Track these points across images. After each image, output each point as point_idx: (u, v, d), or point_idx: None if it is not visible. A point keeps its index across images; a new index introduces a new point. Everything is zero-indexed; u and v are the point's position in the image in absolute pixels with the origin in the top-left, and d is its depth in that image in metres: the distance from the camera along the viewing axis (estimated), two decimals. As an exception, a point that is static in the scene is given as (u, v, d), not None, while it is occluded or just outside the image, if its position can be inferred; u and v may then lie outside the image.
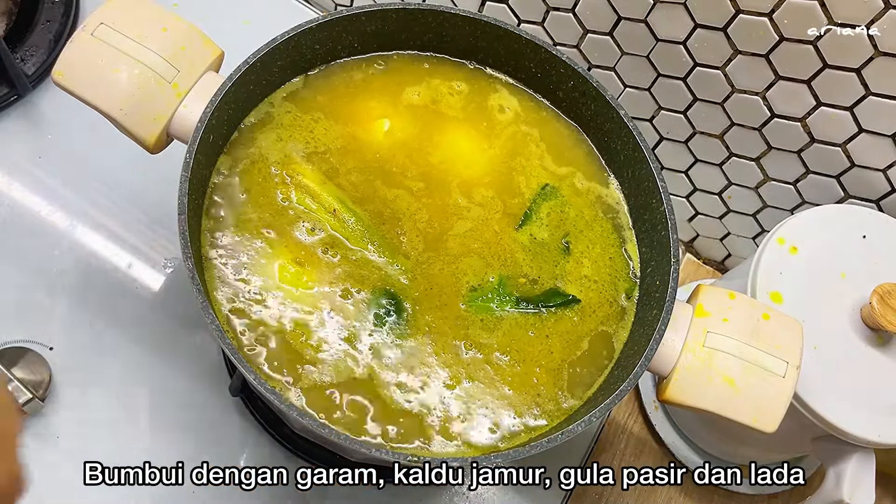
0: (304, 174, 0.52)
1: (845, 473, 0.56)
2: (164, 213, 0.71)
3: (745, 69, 0.62)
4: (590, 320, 0.53)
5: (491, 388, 0.49)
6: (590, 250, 0.55)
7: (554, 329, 0.52)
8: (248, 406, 0.65)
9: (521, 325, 0.51)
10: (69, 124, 0.72)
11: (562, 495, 0.69)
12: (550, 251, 0.54)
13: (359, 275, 0.51)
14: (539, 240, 0.54)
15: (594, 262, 0.55)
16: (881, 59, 0.55)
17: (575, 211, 0.56)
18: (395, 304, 0.50)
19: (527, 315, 0.52)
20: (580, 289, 0.54)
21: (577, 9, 0.68)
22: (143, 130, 0.50)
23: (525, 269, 0.53)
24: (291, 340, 0.48)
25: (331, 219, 0.52)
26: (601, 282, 0.54)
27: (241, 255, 0.50)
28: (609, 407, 0.46)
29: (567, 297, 0.53)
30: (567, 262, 0.54)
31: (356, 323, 0.49)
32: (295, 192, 0.52)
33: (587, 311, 0.53)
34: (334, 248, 0.51)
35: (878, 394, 0.56)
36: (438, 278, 0.52)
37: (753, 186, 0.72)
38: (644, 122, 0.74)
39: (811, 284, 0.58)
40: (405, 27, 0.57)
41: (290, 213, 0.51)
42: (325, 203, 0.52)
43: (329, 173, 0.53)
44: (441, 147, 0.56)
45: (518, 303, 0.52)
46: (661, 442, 0.73)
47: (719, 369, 0.48)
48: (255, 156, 0.53)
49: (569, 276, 0.54)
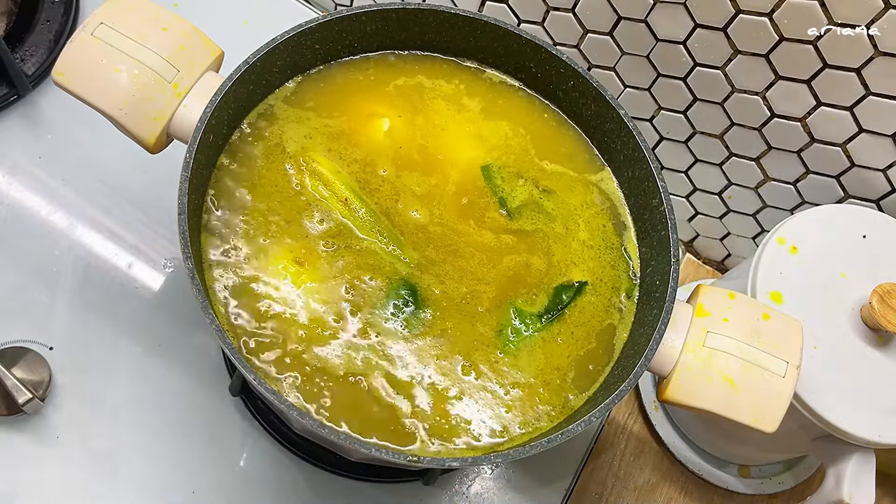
0: (319, 161, 0.53)
1: (845, 473, 0.56)
2: (164, 213, 0.71)
3: (745, 69, 0.62)
4: (606, 275, 0.53)
5: (492, 389, 0.49)
6: (578, 229, 0.55)
7: (579, 320, 0.52)
8: (248, 406, 0.65)
9: (552, 338, 0.52)
10: (69, 124, 0.72)
11: (562, 495, 0.69)
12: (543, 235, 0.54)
13: (367, 265, 0.51)
14: (530, 230, 0.54)
15: (587, 237, 0.55)
16: (881, 58, 0.55)
17: (570, 208, 0.56)
18: (412, 296, 0.50)
19: (551, 325, 0.52)
20: (582, 270, 0.54)
21: (577, 8, 0.68)
22: (143, 130, 0.50)
23: (524, 267, 0.53)
24: (292, 340, 0.48)
25: (342, 207, 0.52)
26: (596, 247, 0.54)
27: (241, 255, 0.50)
28: (609, 407, 0.46)
29: (574, 284, 0.53)
30: (563, 246, 0.54)
31: (361, 321, 0.49)
32: (309, 178, 0.52)
33: (597, 285, 0.54)
34: (339, 244, 0.51)
35: (878, 394, 0.56)
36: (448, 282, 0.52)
37: (753, 186, 0.72)
38: (644, 122, 0.74)
39: (811, 284, 0.58)
40: (405, 27, 0.57)
41: (301, 200, 0.51)
42: (337, 191, 0.52)
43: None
44: (441, 147, 0.56)
45: (541, 318, 0.52)
46: (661, 442, 0.73)
47: (719, 369, 0.48)
48: (256, 156, 0.53)
49: (566, 262, 0.54)
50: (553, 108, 0.59)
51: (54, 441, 0.61)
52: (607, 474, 0.72)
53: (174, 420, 0.63)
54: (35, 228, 0.68)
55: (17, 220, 0.68)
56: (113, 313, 0.66)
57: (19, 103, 0.72)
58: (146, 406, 0.63)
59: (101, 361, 0.64)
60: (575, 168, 0.57)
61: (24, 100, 0.72)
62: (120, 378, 0.64)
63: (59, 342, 0.64)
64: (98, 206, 0.70)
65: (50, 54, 0.74)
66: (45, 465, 0.60)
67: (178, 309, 0.67)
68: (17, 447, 0.60)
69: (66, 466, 0.60)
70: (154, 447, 0.62)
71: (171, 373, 0.65)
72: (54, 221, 0.68)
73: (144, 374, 0.64)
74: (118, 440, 0.62)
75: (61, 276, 0.66)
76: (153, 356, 0.65)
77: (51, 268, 0.67)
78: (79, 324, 0.65)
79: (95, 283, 0.67)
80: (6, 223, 0.68)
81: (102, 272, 0.67)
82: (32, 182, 0.70)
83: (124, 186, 0.71)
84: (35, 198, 0.69)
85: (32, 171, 0.70)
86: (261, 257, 0.50)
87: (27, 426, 0.61)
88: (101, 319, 0.66)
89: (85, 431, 0.62)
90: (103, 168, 0.71)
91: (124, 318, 0.66)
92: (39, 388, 0.61)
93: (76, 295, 0.66)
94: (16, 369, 0.60)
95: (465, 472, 0.68)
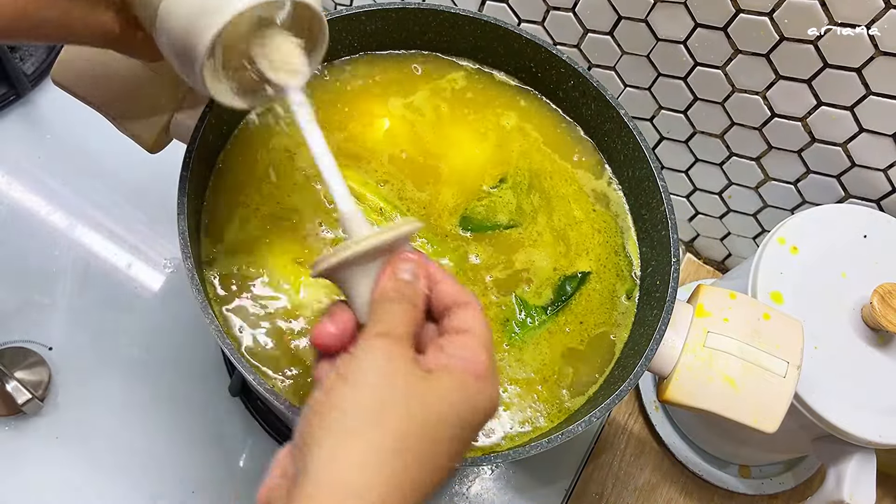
0: (346, 175, 0.52)
1: (846, 473, 0.56)
2: (164, 213, 0.71)
3: (746, 69, 0.62)
4: (606, 275, 0.54)
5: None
6: (578, 229, 0.55)
7: (587, 308, 0.52)
8: (247, 406, 0.65)
9: (558, 329, 0.52)
10: (69, 124, 0.72)
11: (562, 495, 0.69)
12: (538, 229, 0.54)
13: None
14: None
15: (587, 237, 0.55)
16: (881, 58, 0.55)
17: (571, 208, 0.56)
18: None
19: (556, 316, 0.52)
20: (587, 261, 0.54)
21: (577, 8, 0.68)
22: (143, 130, 0.50)
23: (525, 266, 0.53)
24: (292, 340, 0.48)
25: (377, 217, 0.52)
26: (596, 247, 0.55)
27: (241, 255, 0.50)
28: (609, 407, 0.46)
29: (578, 275, 0.53)
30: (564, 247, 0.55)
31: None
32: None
33: (600, 271, 0.54)
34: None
35: (878, 394, 0.56)
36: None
37: (754, 186, 0.72)
38: (644, 122, 0.74)
39: (812, 284, 0.58)
40: (405, 27, 0.57)
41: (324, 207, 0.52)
42: (370, 203, 0.52)
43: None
44: (440, 147, 0.56)
45: (546, 310, 0.52)
46: (661, 442, 0.73)
47: (720, 369, 0.48)
48: (256, 155, 0.53)
49: (566, 262, 0.54)
50: (553, 107, 0.59)
51: (54, 441, 0.61)
52: (607, 475, 0.72)
53: (174, 420, 0.63)
54: (35, 228, 0.68)
55: (16, 220, 0.68)
56: (112, 313, 0.66)
57: (19, 103, 0.72)
58: (146, 406, 0.63)
59: (100, 361, 0.64)
60: (575, 167, 0.57)
61: (23, 99, 0.72)
62: (119, 378, 0.64)
63: (59, 342, 0.64)
64: (98, 206, 0.70)
65: (49, 54, 0.74)
66: (45, 464, 0.60)
67: (178, 309, 0.67)
68: (16, 447, 0.60)
69: (65, 466, 0.60)
70: (154, 447, 0.62)
71: (171, 373, 0.65)
72: (54, 221, 0.68)
73: (144, 375, 0.64)
74: (117, 440, 0.62)
75: (61, 276, 0.66)
76: (153, 356, 0.65)
77: (51, 268, 0.67)
78: (78, 324, 0.65)
79: (95, 283, 0.67)
80: (6, 223, 0.68)
81: (102, 272, 0.67)
82: (32, 182, 0.70)
83: (124, 186, 0.71)
84: (35, 198, 0.69)
85: (32, 171, 0.70)
86: (260, 257, 0.50)
87: (27, 426, 0.61)
88: (101, 319, 0.66)
89: (84, 431, 0.62)
90: (103, 168, 0.71)
91: (124, 318, 0.66)
92: (39, 388, 0.61)
93: (76, 295, 0.66)
94: (15, 369, 0.60)
95: (464, 473, 0.68)
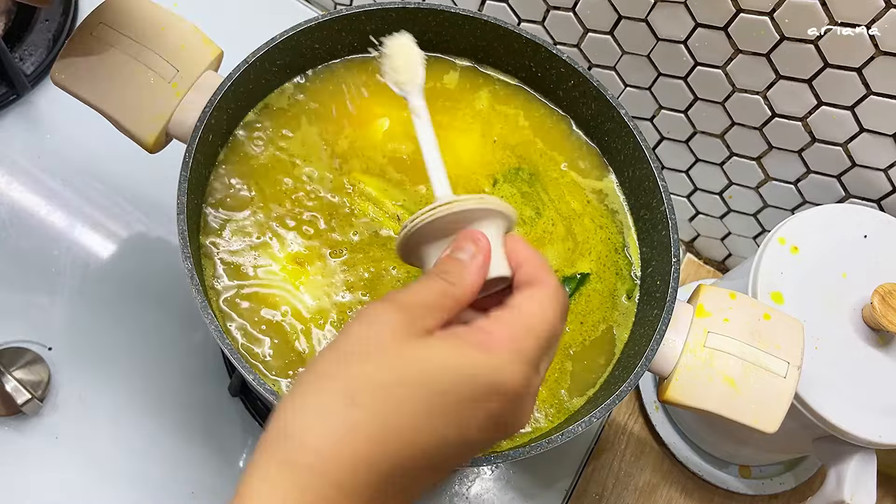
0: (365, 181, 0.52)
1: (846, 474, 0.56)
2: (163, 213, 0.71)
3: (746, 68, 0.62)
4: (607, 275, 0.54)
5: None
6: (578, 229, 0.55)
7: (586, 308, 0.52)
8: (247, 406, 0.65)
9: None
10: (68, 124, 0.72)
11: (562, 496, 0.69)
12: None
13: (371, 265, 0.51)
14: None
15: (587, 237, 0.55)
16: (882, 58, 0.55)
17: (571, 208, 0.56)
18: None
19: None
20: (588, 262, 0.54)
21: (577, 8, 0.67)
22: (142, 130, 0.50)
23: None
24: (292, 340, 0.48)
25: (394, 224, 0.52)
26: (596, 247, 0.54)
27: (241, 255, 0.50)
28: (609, 407, 0.46)
29: (578, 276, 0.53)
30: (565, 245, 0.54)
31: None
32: (358, 199, 0.52)
33: (601, 271, 0.54)
34: (341, 250, 0.51)
35: (879, 394, 0.56)
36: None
37: (754, 186, 0.72)
38: (644, 122, 0.74)
39: (812, 284, 0.58)
40: (405, 26, 0.57)
41: (344, 211, 0.52)
42: (388, 209, 0.52)
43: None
44: (441, 146, 0.56)
45: None
46: (661, 442, 0.73)
47: (720, 369, 0.48)
48: (255, 155, 0.53)
49: (567, 261, 0.54)
50: (553, 107, 0.59)
51: (53, 441, 0.61)
52: (608, 475, 0.72)
53: (174, 420, 0.63)
54: (34, 228, 0.68)
55: (16, 220, 0.68)
56: (112, 313, 0.66)
57: (18, 103, 0.72)
58: (145, 406, 0.63)
59: (100, 361, 0.64)
60: (575, 167, 0.57)
61: (22, 99, 0.72)
62: (119, 378, 0.64)
63: (59, 342, 0.64)
64: (97, 206, 0.70)
65: (49, 54, 0.74)
66: (45, 465, 0.60)
67: (178, 309, 0.67)
68: (16, 447, 0.60)
69: (65, 467, 0.60)
70: (153, 447, 0.62)
71: (171, 373, 0.65)
72: (54, 221, 0.68)
73: (144, 375, 0.64)
74: (117, 440, 0.62)
75: (61, 276, 0.66)
76: (152, 356, 0.65)
77: (50, 268, 0.67)
78: (78, 324, 0.65)
79: (95, 283, 0.67)
80: (6, 223, 0.67)
81: (102, 272, 0.67)
82: (32, 182, 0.70)
83: (124, 186, 0.71)
84: (34, 198, 0.69)
85: (32, 171, 0.70)
86: (260, 257, 0.50)
87: (26, 426, 0.61)
88: (101, 319, 0.66)
89: (84, 432, 0.62)
90: (103, 168, 0.71)
91: (123, 319, 0.66)
92: (38, 388, 0.61)
93: (75, 295, 0.66)
94: (15, 369, 0.60)
95: (464, 473, 0.68)
